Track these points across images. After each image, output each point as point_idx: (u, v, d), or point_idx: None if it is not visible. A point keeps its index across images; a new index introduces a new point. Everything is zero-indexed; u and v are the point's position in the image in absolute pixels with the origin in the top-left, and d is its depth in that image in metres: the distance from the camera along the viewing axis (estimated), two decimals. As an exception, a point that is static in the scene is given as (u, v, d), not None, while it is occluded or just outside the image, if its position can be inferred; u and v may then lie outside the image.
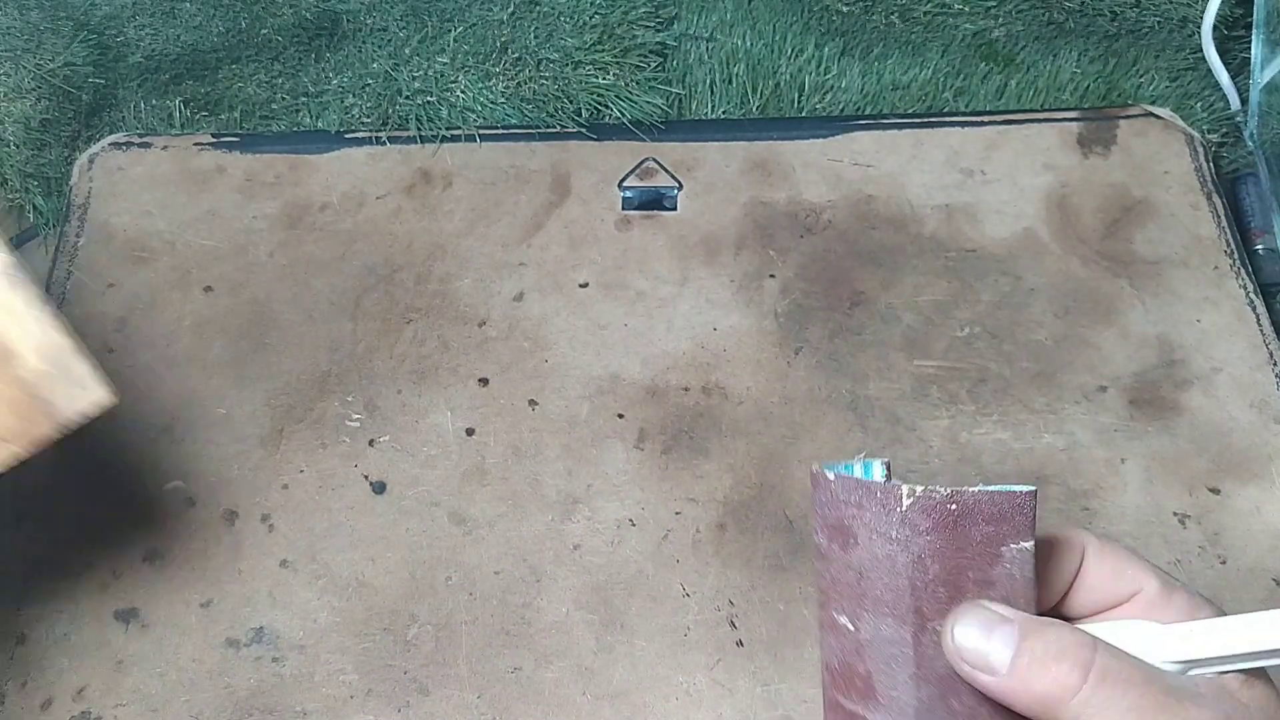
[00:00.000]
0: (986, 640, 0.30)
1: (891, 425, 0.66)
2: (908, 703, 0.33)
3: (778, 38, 0.82)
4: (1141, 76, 0.80)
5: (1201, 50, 0.80)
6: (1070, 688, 0.28)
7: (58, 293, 0.73)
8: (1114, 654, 0.29)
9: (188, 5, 0.85)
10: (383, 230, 0.75)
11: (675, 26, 0.82)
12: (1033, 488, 0.33)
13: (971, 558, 0.33)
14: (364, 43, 0.83)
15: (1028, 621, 0.30)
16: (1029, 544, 0.33)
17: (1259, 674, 0.30)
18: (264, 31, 0.83)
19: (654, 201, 0.76)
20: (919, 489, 0.33)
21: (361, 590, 0.62)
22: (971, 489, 0.33)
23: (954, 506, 0.33)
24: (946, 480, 0.54)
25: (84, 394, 0.41)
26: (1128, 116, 0.78)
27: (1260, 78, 0.78)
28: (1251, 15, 0.79)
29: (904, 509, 0.33)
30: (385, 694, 0.59)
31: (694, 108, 0.80)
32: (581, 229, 0.75)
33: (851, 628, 0.33)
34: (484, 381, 0.69)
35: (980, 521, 0.33)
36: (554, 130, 0.78)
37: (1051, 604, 0.33)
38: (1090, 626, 0.32)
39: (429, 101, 0.78)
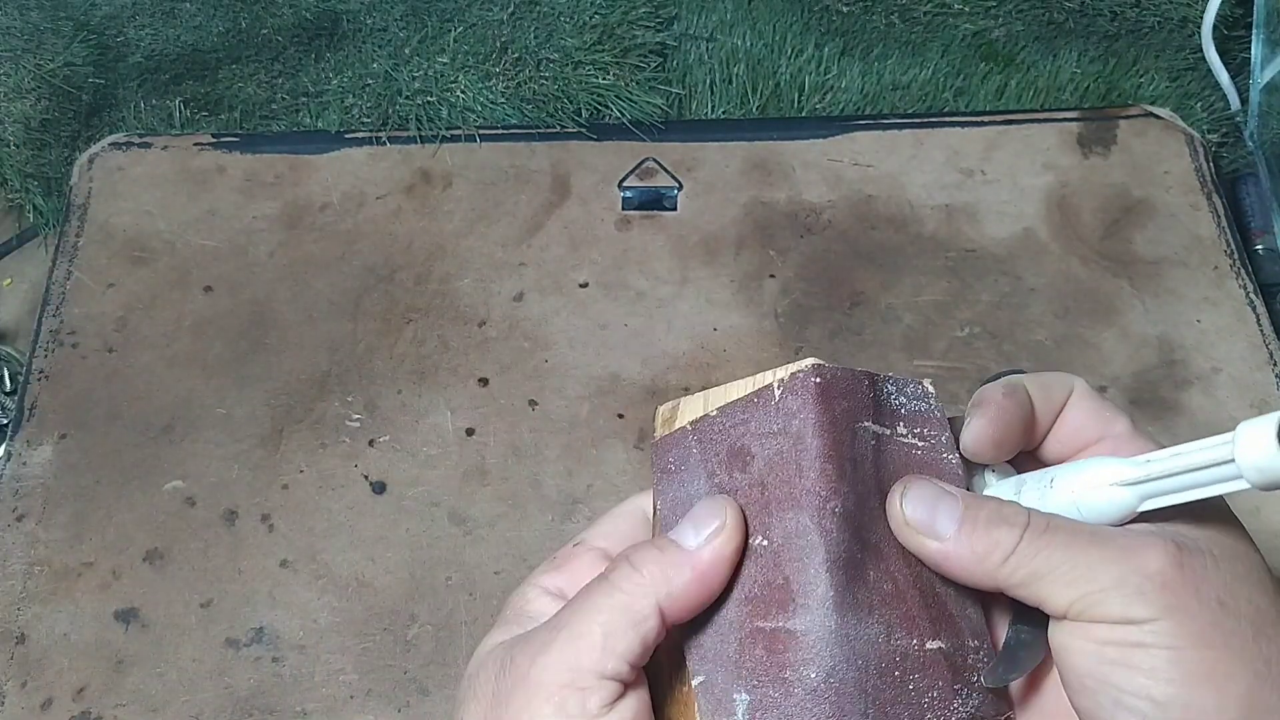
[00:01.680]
0: (933, 510, 0.33)
1: (891, 425, 0.66)
2: (825, 595, 0.32)
3: (778, 38, 0.82)
4: (1141, 76, 0.80)
5: (1201, 50, 0.80)
6: (1008, 543, 0.31)
7: (58, 293, 0.73)
8: (1048, 516, 0.32)
9: (188, 5, 0.85)
10: (383, 230, 0.75)
11: (675, 26, 0.82)
12: (872, 371, 0.35)
13: (839, 434, 0.33)
14: (364, 43, 0.83)
15: (968, 496, 0.33)
16: (868, 424, 0.34)
17: (1218, 516, 0.32)
18: (264, 31, 0.84)
19: (654, 201, 0.76)
20: (791, 375, 0.34)
21: (361, 590, 0.62)
22: (832, 365, 0.34)
23: (817, 380, 0.34)
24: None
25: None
26: (1128, 116, 0.78)
27: (1260, 78, 0.78)
28: (1251, 15, 0.79)
29: (777, 399, 0.34)
30: (385, 694, 0.59)
31: (694, 108, 0.80)
32: (581, 229, 0.75)
33: (765, 542, 0.33)
34: (484, 381, 0.69)
35: (838, 397, 0.34)
36: (554, 130, 0.78)
37: (1039, 438, 0.36)
38: (1055, 468, 0.34)
39: (429, 101, 0.78)
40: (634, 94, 0.77)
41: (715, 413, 0.35)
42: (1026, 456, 0.37)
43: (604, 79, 0.77)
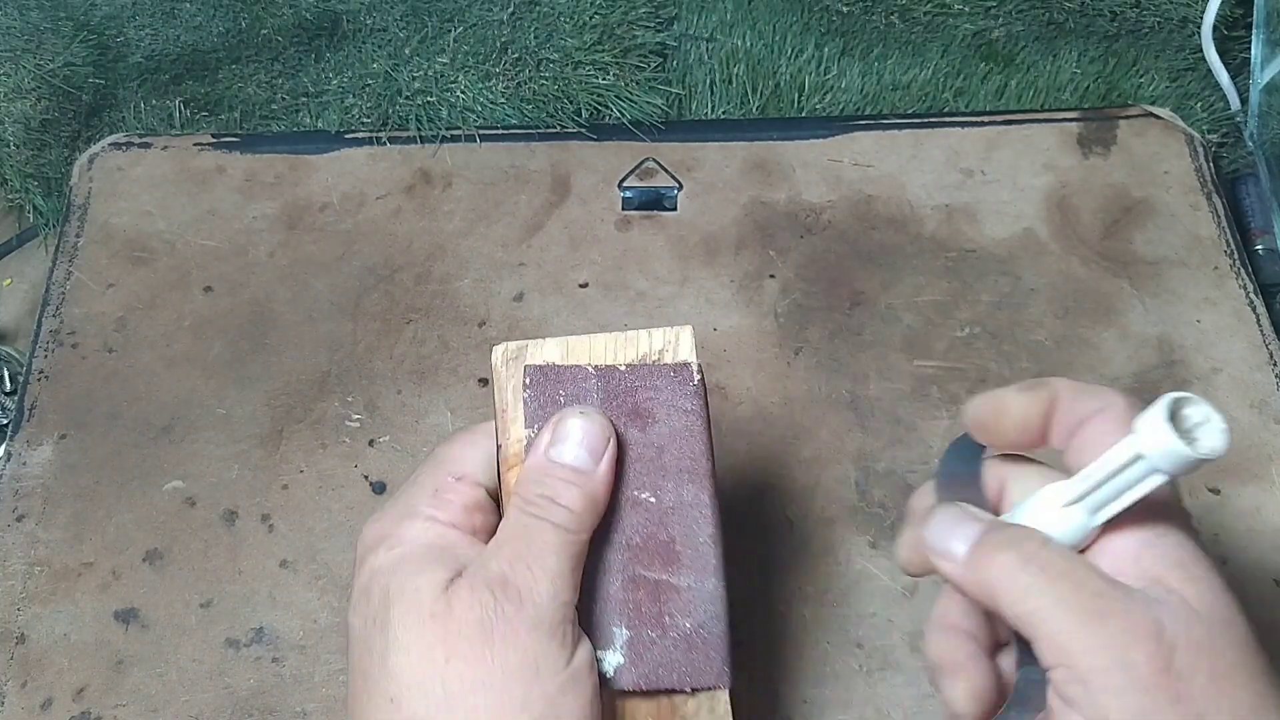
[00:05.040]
0: (951, 533, 0.34)
1: (892, 426, 0.66)
2: (708, 560, 0.39)
3: (778, 38, 0.82)
4: (1141, 76, 0.80)
5: (1201, 50, 0.80)
6: (1012, 573, 0.32)
7: (58, 293, 0.73)
8: (1061, 552, 0.32)
9: (188, 5, 0.85)
10: (383, 230, 0.75)
11: (675, 26, 0.82)
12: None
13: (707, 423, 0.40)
14: (364, 43, 0.83)
15: (992, 522, 0.34)
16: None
17: (1199, 576, 0.32)
18: (264, 31, 0.84)
19: (654, 201, 0.76)
20: (698, 362, 0.40)
21: (361, 590, 0.62)
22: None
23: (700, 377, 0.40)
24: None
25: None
26: (1128, 116, 0.78)
27: (1260, 78, 0.78)
28: (1251, 15, 0.79)
29: (696, 383, 0.39)
30: (385, 694, 0.59)
31: (694, 108, 0.80)
32: (581, 229, 0.75)
33: (654, 500, 0.38)
34: (484, 382, 0.69)
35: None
36: (554, 130, 0.78)
37: (1034, 443, 0.37)
38: (1016, 506, 0.36)
39: (429, 101, 0.78)
40: (634, 94, 0.77)
41: (625, 369, 0.39)
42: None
43: (604, 79, 0.77)
